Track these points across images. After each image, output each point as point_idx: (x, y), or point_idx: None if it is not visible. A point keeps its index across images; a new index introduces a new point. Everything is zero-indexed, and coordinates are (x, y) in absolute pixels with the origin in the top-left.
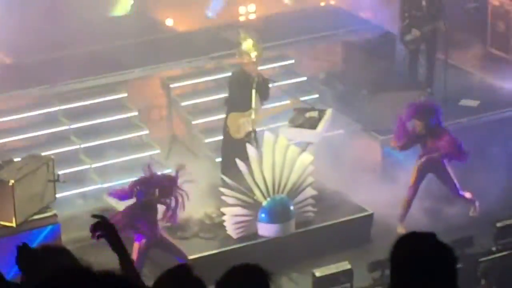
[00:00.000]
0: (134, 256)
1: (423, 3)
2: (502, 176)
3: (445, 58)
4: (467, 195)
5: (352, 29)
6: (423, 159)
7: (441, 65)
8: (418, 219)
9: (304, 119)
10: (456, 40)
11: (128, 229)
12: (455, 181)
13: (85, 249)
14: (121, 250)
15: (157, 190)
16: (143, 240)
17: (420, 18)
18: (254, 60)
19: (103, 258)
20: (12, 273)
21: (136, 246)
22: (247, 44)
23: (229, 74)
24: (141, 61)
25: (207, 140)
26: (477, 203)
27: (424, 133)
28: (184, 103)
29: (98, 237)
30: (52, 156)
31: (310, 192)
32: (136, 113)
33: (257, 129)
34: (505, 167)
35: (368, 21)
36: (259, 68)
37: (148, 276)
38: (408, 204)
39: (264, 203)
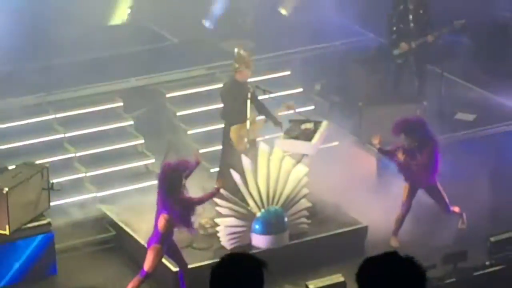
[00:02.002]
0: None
1: (410, 17)
2: (496, 190)
3: (441, 71)
4: (456, 209)
5: (347, 41)
6: (412, 178)
7: (437, 78)
8: (412, 233)
9: (299, 130)
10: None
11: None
12: (445, 197)
13: (79, 258)
14: None
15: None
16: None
17: (408, 32)
18: (243, 69)
19: (98, 267)
20: (6, 280)
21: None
22: (237, 54)
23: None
24: (137, 70)
25: (202, 150)
26: (464, 215)
27: (413, 147)
28: (179, 113)
29: None
30: (47, 164)
31: (304, 204)
32: (131, 122)
33: (256, 139)
34: (499, 181)
35: (363, 33)
36: (256, 79)
37: None
38: (402, 219)
39: (258, 214)
